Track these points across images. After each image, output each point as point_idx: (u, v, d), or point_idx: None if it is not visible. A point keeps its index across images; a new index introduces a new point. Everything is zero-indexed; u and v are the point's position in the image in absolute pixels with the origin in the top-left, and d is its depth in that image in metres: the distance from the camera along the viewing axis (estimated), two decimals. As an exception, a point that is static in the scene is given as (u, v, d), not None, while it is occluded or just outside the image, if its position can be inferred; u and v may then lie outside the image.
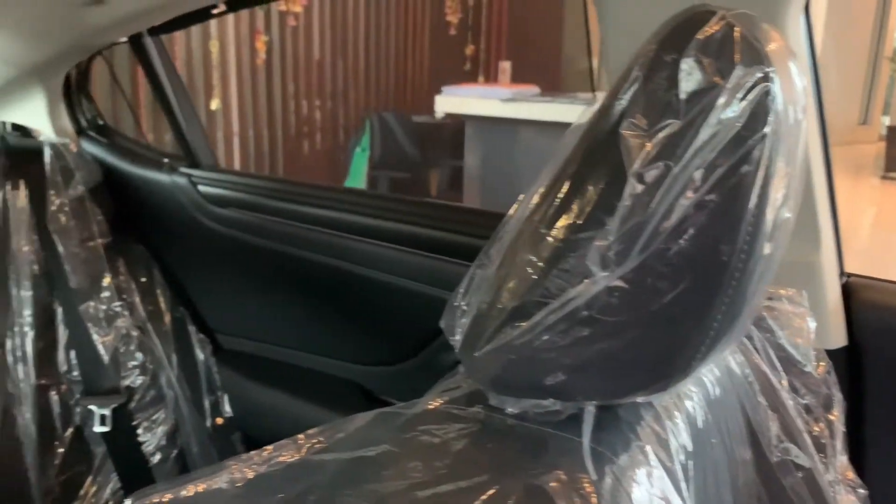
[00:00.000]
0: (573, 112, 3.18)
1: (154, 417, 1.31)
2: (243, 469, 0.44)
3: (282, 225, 1.21)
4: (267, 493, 0.43)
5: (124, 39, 1.28)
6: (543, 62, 5.53)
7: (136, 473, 1.29)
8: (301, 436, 0.48)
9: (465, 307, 0.52)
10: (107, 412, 1.26)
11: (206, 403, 1.33)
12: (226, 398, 1.35)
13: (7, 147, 1.30)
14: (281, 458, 0.46)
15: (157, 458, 1.30)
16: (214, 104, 4.34)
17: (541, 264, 0.44)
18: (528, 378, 0.45)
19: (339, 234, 1.15)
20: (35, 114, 1.45)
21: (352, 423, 0.50)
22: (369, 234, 1.12)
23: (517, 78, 4.72)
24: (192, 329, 1.37)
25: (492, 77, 5.82)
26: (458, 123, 4.65)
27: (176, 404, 1.31)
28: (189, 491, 0.42)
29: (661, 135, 0.39)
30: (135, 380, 1.30)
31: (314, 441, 0.48)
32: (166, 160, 1.37)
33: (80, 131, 1.49)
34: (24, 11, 1.23)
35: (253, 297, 1.33)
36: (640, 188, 0.40)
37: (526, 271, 0.44)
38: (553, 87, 3.92)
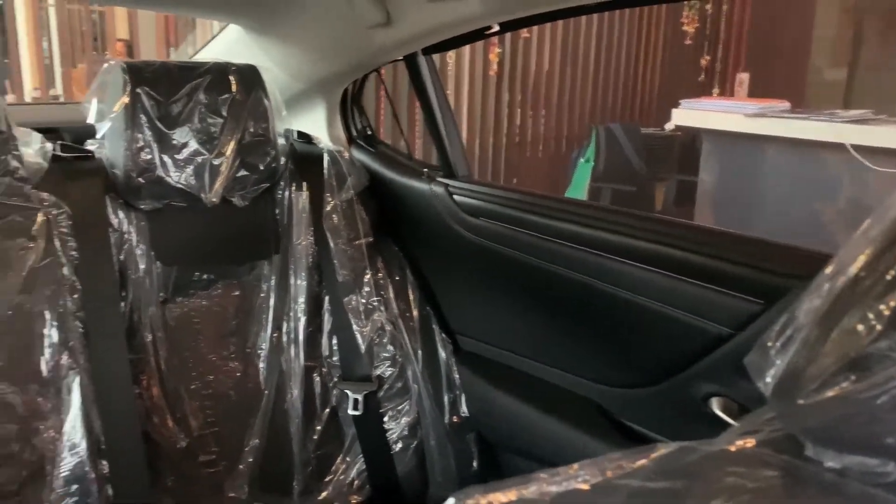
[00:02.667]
0: (830, 131, 2.91)
1: (399, 408, 1.40)
2: (550, 483, 0.46)
3: (532, 237, 1.24)
4: None
5: (400, 58, 1.39)
6: (787, 74, 5.10)
7: (379, 458, 1.40)
8: (602, 458, 0.49)
9: (779, 348, 0.49)
10: (359, 397, 1.37)
11: (446, 400, 1.40)
12: (463, 398, 1.41)
13: (294, 152, 1.47)
14: (585, 477, 0.47)
15: (398, 446, 1.40)
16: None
17: (888, 313, 0.40)
18: (864, 435, 0.42)
19: (589, 250, 1.16)
20: (316, 123, 1.62)
21: (651, 451, 0.50)
22: (621, 252, 1.11)
23: (755, 91, 4.41)
24: (436, 328, 1.45)
25: (728, 90, 5.49)
26: (688, 137, 4.45)
27: (419, 398, 1.40)
28: (504, 497, 0.44)
29: None
30: (385, 370, 1.40)
31: (615, 464, 0.48)
32: (425, 170, 1.47)
33: (352, 140, 1.65)
34: (318, 34, 1.39)
35: (496, 303, 1.38)
36: None
37: (869, 320, 0.41)
38: (796, 101, 3.60)
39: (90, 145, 1.30)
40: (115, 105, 1.19)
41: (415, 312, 1.44)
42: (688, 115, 3.59)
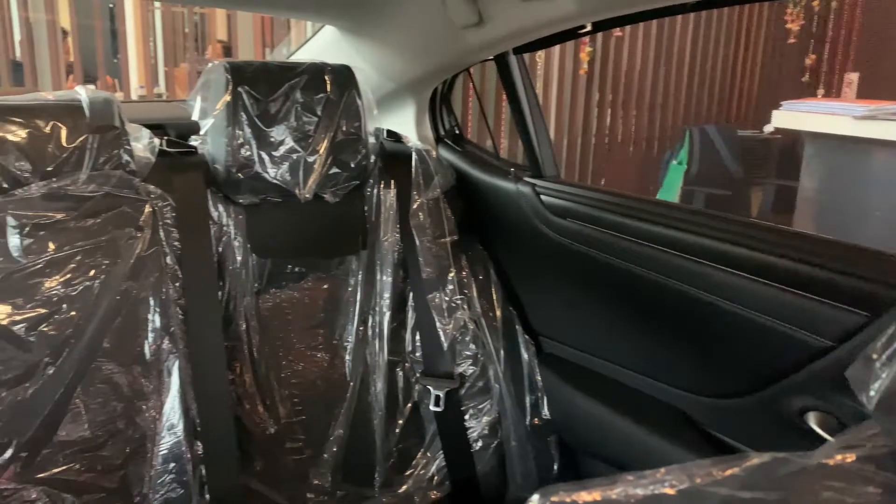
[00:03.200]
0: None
1: (480, 406, 1.41)
2: (636, 485, 0.45)
3: (621, 240, 1.22)
4: None
5: (490, 57, 1.40)
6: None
7: (459, 455, 1.40)
8: (690, 464, 0.48)
9: (885, 361, 0.47)
10: (441, 394, 1.38)
11: (527, 402, 1.40)
12: (545, 400, 1.40)
13: (383, 151, 1.49)
14: (673, 483, 0.46)
15: (478, 444, 1.40)
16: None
17: None
18: None
19: (681, 254, 1.12)
20: (405, 122, 1.65)
21: (743, 460, 0.48)
22: (716, 258, 1.07)
23: (864, 92, 4.17)
24: (519, 329, 1.45)
25: (834, 91, 5.21)
26: (788, 140, 4.25)
27: (500, 398, 1.40)
28: (588, 496, 0.44)
29: None
30: (467, 368, 1.41)
31: (704, 471, 0.47)
32: (512, 169, 1.47)
33: (439, 139, 1.66)
34: (411, 34, 1.41)
35: (581, 306, 1.36)
36: None
37: None
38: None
39: (193, 141, 1.37)
40: (217, 103, 1.25)
41: (498, 312, 1.44)
42: (789, 116, 3.43)
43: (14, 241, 1.06)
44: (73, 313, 1.08)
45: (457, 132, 1.67)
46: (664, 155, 4.93)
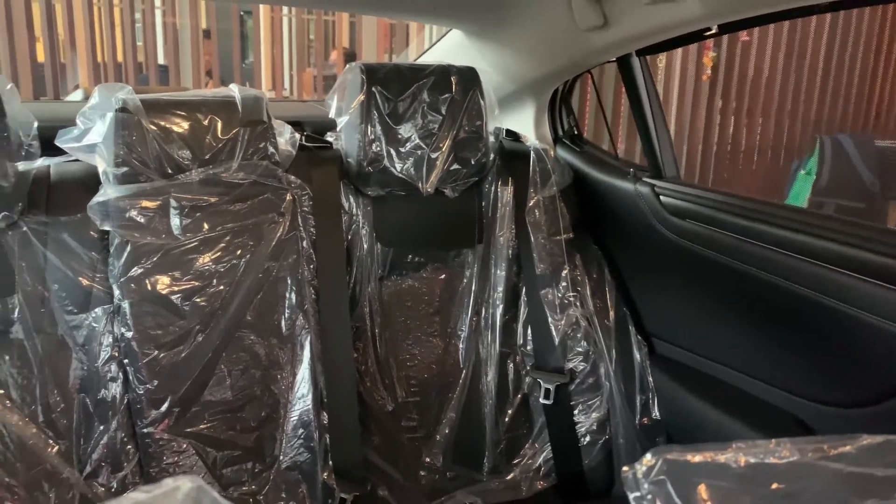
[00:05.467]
0: None
1: (590, 403, 1.43)
2: (747, 452, 0.48)
3: (741, 242, 1.21)
4: (769, 482, 0.45)
5: (613, 59, 1.42)
6: None
7: (567, 449, 1.43)
8: (800, 438, 0.49)
9: None
10: (551, 387, 1.42)
11: (638, 401, 1.40)
12: (656, 400, 1.40)
13: (502, 149, 1.54)
14: (783, 454, 0.48)
15: (586, 440, 1.42)
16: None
17: None
18: None
19: (804, 258, 1.10)
20: (524, 122, 1.70)
21: (856, 440, 0.50)
22: (842, 263, 1.05)
23: None
24: (631, 329, 1.45)
25: None
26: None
27: (610, 395, 1.41)
28: (700, 457, 0.47)
29: None
30: (577, 365, 1.43)
31: (815, 446, 0.49)
32: (631, 170, 1.48)
33: (558, 139, 1.70)
34: (535, 37, 1.45)
35: (697, 308, 1.35)
36: None
37: None
38: None
39: (329, 137, 1.47)
40: (352, 102, 1.34)
41: (611, 311, 1.46)
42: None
43: (175, 220, 1.19)
44: (221, 287, 1.20)
45: (575, 132, 1.70)
46: (792, 165, 4.70)
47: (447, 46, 1.71)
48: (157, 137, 1.18)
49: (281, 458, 1.22)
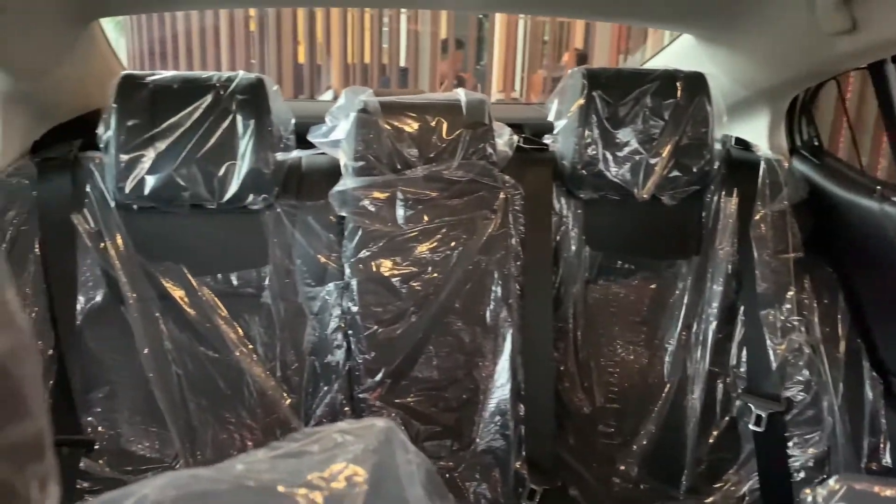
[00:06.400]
0: None
1: (807, 437, 1.31)
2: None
3: None
4: None
5: (863, 66, 1.29)
6: None
7: (777, 482, 1.33)
8: None
9: None
10: (763, 414, 1.32)
11: (865, 444, 1.26)
12: (888, 446, 1.25)
13: (728, 158, 1.47)
14: None
15: (800, 475, 1.31)
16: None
17: None
18: None
19: None
20: (756, 130, 1.59)
21: None
22: None
23: None
24: (865, 364, 1.31)
25: None
26: None
27: (832, 433, 1.29)
28: (891, 492, 0.43)
29: None
30: (796, 394, 1.33)
31: None
32: (878, 187, 1.33)
33: (794, 150, 1.57)
34: (773, 41, 1.36)
35: None
36: None
37: None
38: None
39: (546, 139, 1.51)
40: (572, 106, 1.36)
41: (841, 341, 1.33)
42: None
43: (400, 211, 1.30)
44: (434, 275, 1.29)
45: (816, 144, 1.56)
46: None
47: (678, 50, 1.66)
48: (390, 136, 1.30)
49: (477, 440, 1.29)
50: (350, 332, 1.29)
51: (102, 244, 1.25)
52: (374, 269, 1.28)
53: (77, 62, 1.35)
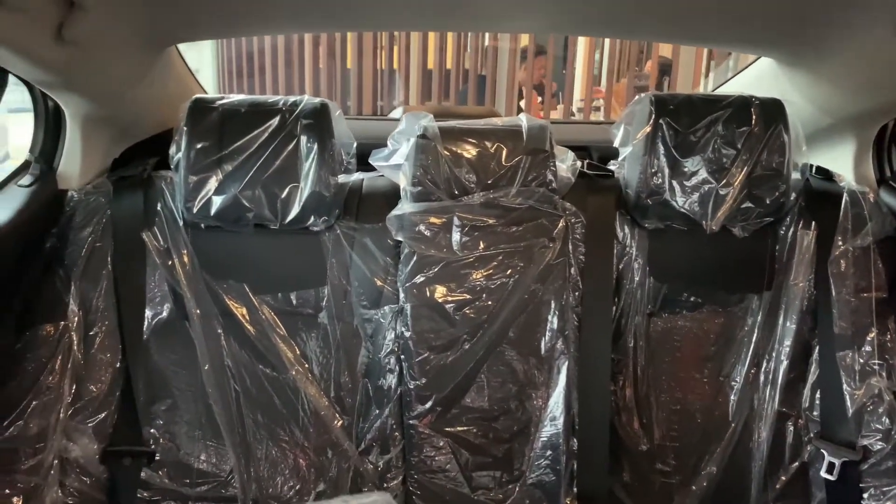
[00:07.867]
0: None
1: (886, 490, 1.22)
2: None
3: None
4: None
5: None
6: None
7: (849, 534, 1.25)
8: None
9: None
10: (836, 462, 1.25)
11: None
12: None
13: (807, 189, 1.39)
14: None
15: (876, 530, 1.23)
16: None
17: None
18: None
19: None
20: (839, 160, 1.50)
21: None
22: None
23: None
24: None
25: None
26: None
27: (912, 486, 1.20)
28: None
29: None
30: (874, 443, 1.24)
31: None
32: None
33: (882, 181, 1.48)
34: (859, 68, 1.28)
35: None
36: None
37: None
38: None
39: (611, 165, 1.47)
40: (638, 132, 1.32)
41: None
42: None
43: (456, 237, 1.29)
44: (489, 302, 1.28)
45: (906, 175, 1.46)
46: None
47: (756, 73, 1.58)
48: (448, 162, 1.29)
49: (527, 473, 1.27)
50: (402, 356, 1.29)
51: (170, 261, 1.30)
52: (429, 294, 1.28)
53: (155, 85, 1.41)
